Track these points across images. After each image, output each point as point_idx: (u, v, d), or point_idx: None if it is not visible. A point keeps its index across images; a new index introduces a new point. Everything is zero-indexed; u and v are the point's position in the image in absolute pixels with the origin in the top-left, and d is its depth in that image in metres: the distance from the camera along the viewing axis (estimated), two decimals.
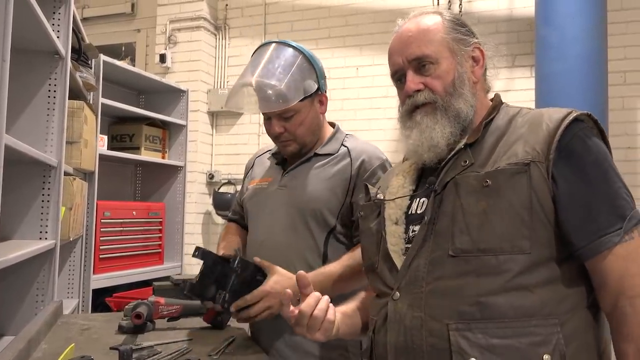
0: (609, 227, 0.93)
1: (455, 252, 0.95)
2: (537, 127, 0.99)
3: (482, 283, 0.93)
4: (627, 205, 0.94)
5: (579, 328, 0.94)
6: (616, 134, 3.24)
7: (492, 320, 0.91)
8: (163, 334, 1.47)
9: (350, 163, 1.49)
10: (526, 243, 0.93)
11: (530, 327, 0.91)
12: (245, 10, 4.33)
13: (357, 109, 3.88)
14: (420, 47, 1.07)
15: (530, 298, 0.92)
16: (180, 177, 3.78)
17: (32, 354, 1.23)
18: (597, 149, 0.97)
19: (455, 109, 1.06)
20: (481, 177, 0.97)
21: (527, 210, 0.93)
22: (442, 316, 0.94)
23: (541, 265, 0.93)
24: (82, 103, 2.40)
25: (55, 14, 2.00)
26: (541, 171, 0.94)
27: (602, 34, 2.80)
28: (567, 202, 0.94)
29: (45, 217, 1.91)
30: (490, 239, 0.94)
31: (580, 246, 0.93)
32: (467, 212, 0.96)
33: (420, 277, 0.98)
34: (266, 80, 1.44)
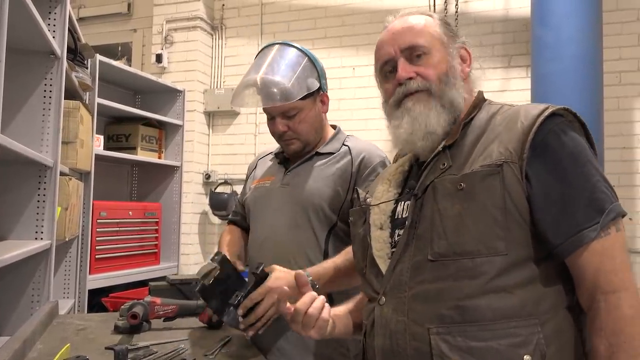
0: (585, 222, 0.92)
1: (434, 257, 0.96)
2: (513, 126, 0.98)
3: (460, 287, 0.93)
4: (605, 198, 0.93)
5: (560, 328, 0.94)
6: (612, 134, 3.26)
7: (471, 323, 0.92)
8: (159, 334, 1.47)
9: (351, 161, 1.52)
10: (501, 244, 0.93)
11: (510, 328, 0.91)
12: (242, 10, 4.33)
13: (354, 109, 3.89)
14: (415, 37, 1.08)
15: (509, 299, 0.92)
16: (177, 177, 3.77)
17: (27, 354, 1.23)
18: (574, 143, 0.96)
19: (449, 97, 1.05)
20: (456, 180, 0.97)
21: (501, 211, 0.93)
22: (424, 320, 0.95)
23: (519, 265, 0.93)
24: (78, 103, 2.39)
25: (51, 13, 1.99)
26: (514, 171, 0.94)
27: (597, 34, 2.81)
28: (541, 200, 0.94)
29: (41, 217, 1.91)
30: (466, 242, 0.94)
31: (557, 243, 0.93)
32: (443, 216, 0.97)
33: (404, 281, 0.99)
34: (270, 77, 1.48)
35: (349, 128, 1.76)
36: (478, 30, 3.64)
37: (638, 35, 3.39)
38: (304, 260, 1.45)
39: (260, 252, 1.54)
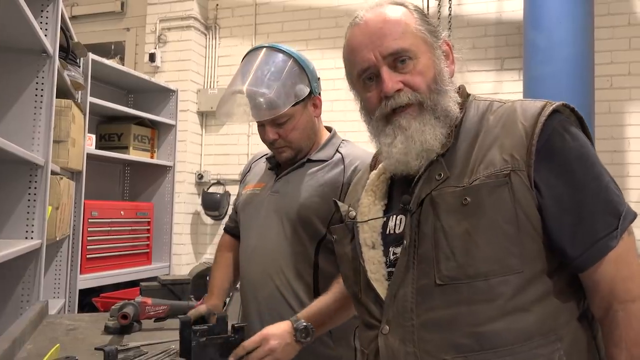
0: (604, 230, 0.85)
1: (443, 280, 0.87)
2: (512, 127, 0.90)
3: (476, 311, 0.85)
4: (619, 200, 0.87)
5: (576, 339, 0.89)
6: (603, 138, 3.28)
7: (491, 349, 0.84)
8: (150, 334, 1.46)
9: (343, 170, 1.46)
10: (516, 261, 0.85)
11: (532, 349, 0.84)
12: (236, 11, 4.32)
13: (347, 110, 3.88)
14: (397, 40, 0.94)
15: (527, 318, 0.85)
16: (169, 177, 3.76)
17: (16, 354, 1.22)
18: (578, 142, 0.89)
19: (444, 107, 0.94)
20: (459, 193, 0.88)
21: (513, 225, 0.85)
22: (438, 351, 0.86)
23: (535, 281, 0.86)
24: (70, 102, 2.38)
25: (43, 12, 1.98)
26: (523, 180, 0.86)
27: (589, 38, 2.83)
28: (554, 208, 0.86)
29: (32, 217, 1.90)
30: (478, 263, 0.85)
31: (576, 255, 0.86)
32: (449, 234, 0.87)
33: (409, 308, 0.90)
34: (255, 89, 1.41)
35: (342, 129, 1.73)
36: (471, 33, 3.65)
37: (629, 39, 3.41)
38: (292, 271, 1.41)
39: (250, 262, 1.50)
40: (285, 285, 1.42)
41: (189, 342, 1.11)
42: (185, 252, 4.10)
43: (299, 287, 1.41)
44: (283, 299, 1.41)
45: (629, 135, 3.39)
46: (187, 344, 1.12)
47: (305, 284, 1.41)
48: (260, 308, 1.44)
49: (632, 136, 3.38)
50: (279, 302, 1.41)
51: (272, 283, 1.43)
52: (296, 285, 1.41)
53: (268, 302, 1.43)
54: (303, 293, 1.41)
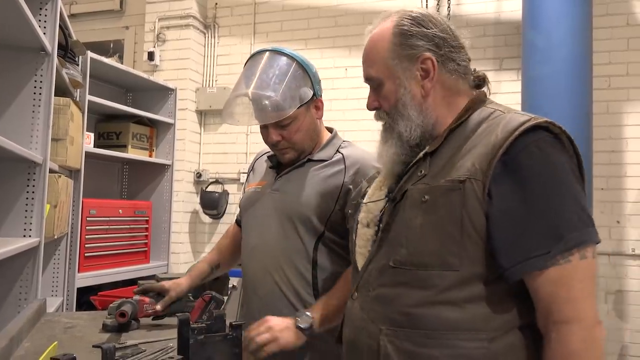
0: (536, 250, 0.89)
1: (395, 263, 0.99)
2: (489, 137, 0.96)
3: (413, 295, 0.96)
4: (569, 225, 0.89)
5: (513, 347, 0.93)
6: (600, 138, 3.29)
7: (417, 329, 0.95)
8: (148, 332, 1.46)
9: (344, 170, 1.48)
10: (455, 260, 0.93)
11: (454, 339, 0.92)
12: (235, 10, 4.32)
13: (346, 109, 3.89)
14: (368, 67, 1.11)
15: (457, 312, 0.93)
16: (168, 175, 3.76)
17: (14, 352, 1.22)
18: (548, 162, 0.92)
19: (398, 131, 1.07)
20: (422, 191, 0.98)
21: (458, 227, 0.93)
22: (378, 321, 0.99)
23: (471, 282, 0.93)
24: (69, 100, 2.38)
25: (42, 9, 1.98)
26: (475, 188, 0.92)
27: (587, 38, 2.83)
28: (499, 219, 0.92)
29: (30, 215, 1.90)
30: (422, 254, 0.96)
31: (506, 267, 0.91)
32: (407, 225, 0.99)
33: (370, 281, 1.04)
34: (261, 92, 1.43)
35: (341, 128, 1.74)
36: (470, 32, 3.64)
37: (627, 40, 3.42)
38: (292, 269, 1.44)
39: (250, 259, 1.54)
40: (285, 281, 1.44)
41: (186, 339, 1.12)
42: (183, 251, 4.10)
43: (298, 283, 1.43)
44: (283, 295, 1.44)
45: (627, 136, 3.40)
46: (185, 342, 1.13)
47: (305, 281, 1.43)
48: (261, 304, 1.47)
49: (630, 136, 3.39)
50: (279, 299, 1.44)
51: (271, 280, 1.45)
52: (295, 281, 1.43)
53: (268, 298, 1.46)
54: (302, 289, 1.43)
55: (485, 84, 1.13)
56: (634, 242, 3.33)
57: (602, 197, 3.32)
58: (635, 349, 3.28)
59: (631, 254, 3.32)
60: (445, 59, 1.07)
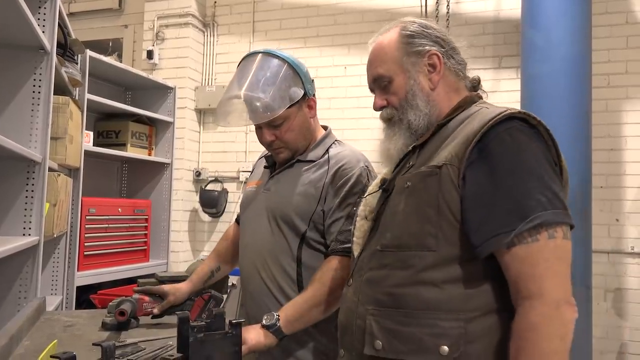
0: (502, 228, 0.94)
1: (382, 247, 1.07)
2: (467, 128, 1.03)
3: (394, 275, 1.03)
4: (534, 205, 0.94)
5: (490, 329, 0.97)
6: (600, 136, 3.29)
7: (398, 309, 1.01)
8: (147, 331, 1.46)
9: (327, 171, 1.52)
10: (432, 241, 0.99)
11: (433, 319, 0.97)
12: (234, 8, 4.32)
13: (345, 107, 3.89)
14: (376, 68, 1.18)
15: (435, 292, 0.98)
16: (167, 174, 3.76)
17: (14, 351, 1.22)
18: (519, 148, 0.97)
19: (407, 120, 1.14)
20: (406, 178, 1.07)
21: (434, 210, 0.99)
22: (367, 302, 1.06)
23: (448, 262, 0.99)
24: (68, 99, 2.38)
25: (41, 8, 1.98)
26: (450, 173, 0.99)
27: (586, 37, 2.83)
28: (471, 202, 0.98)
29: (29, 213, 1.90)
30: (402, 236, 1.03)
31: (475, 245, 0.97)
32: (393, 211, 1.07)
33: (362, 267, 1.12)
34: (251, 93, 1.48)
35: (340, 127, 1.76)
36: (469, 31, 3.65)
37: (627, 38, 3.42)
38: (277, 267, 1.49)
39: (244, 257, 1.60)
40: (271, 279, 1.50)
41: (186, 338, 1.12)
42: (182, 250, 4.10)
43: (284, 281, 1.48)
44: (269, 291, 1.49)
45: (626, 134, 3.40)
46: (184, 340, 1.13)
47: (290, 278, 1.49)
48: (251, 300, 1.54)
49: (629, 134, 3.39)
50: (266, 295, 1.50)
51: (259, 277, 1.51)
52: (280, 279, 1.49)
53: (256, 294, 1.52)
54: (287, 286, 1.48)
55: (479, 86, 1.22)
56: (633, 240, 3.33)
57: (601, 195, 3.32)
58: (634, 346, 3.28)
59: (630, 252, 3.33)
60: (448, 57, 1.17)
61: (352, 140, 3.54)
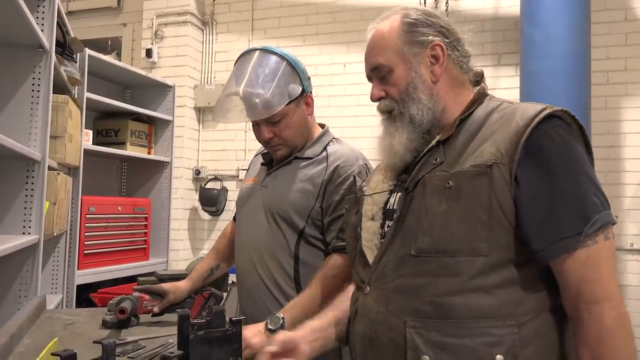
0: (568, 231, 0.91)
1: (417, 252, 0.97)
2: (508, 125, 0.97)
3: (440, 283, 0.94)
4: (594, 207, 0.92)
5: (540, 330, 0.94)
6: (599, 133, 3.29)
7: (446, 319, 0.93)
8: (148, 329, 1.47)
9: (325, 168, 1.51)
10: (484, 246, 0.93)
11: (485, 327, 0.92)
12: (233, 6, 4.31)
13: (344, 105, 3.89)
14: (376, 56, 1.11)
15: (487, 299, 0.93)
16: (167, 172, 3.76)
17: (14, 349, 1.22)
18: (568, 147, 0.95)
19: (409, 114, 1.07)
20: (445, 177, 0.98)
21: (486, 212, 0.93)
22: (402, 313, 0.97)
23: (500, 267, 0.93)
24: (67, 97, 2.38)
25: (40, 6, 1.97)
26: (503, 173, 0.94)
27: (585, 33, 2.83)
28: (528, 203, 0.93)
29: (29, 212, 1.90)
30: (449, 241, 0.95)
31: (539, 249, 0.92)
32: (430, 212, 0.97)
33: (387, 273, 1.01)
34: (251, 90, 1.47)
35: (340, 124, 1.75)
36: (468, 28, 3.65)
37: (626, 34, 3.42)
38: (275, 264, 1.48)
39: (240, 253, 1.59)
40: (268, 275, 1.49)
41: (187, 335, 1.12)
42: (182, 248, 4.10)
43: (281, 277, 1.48)
44: (266, 288, 1.49)
45: (625, 131, 3.40)
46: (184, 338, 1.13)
47: (287, 275, 1.48)
48: (248, 297, 1.54)
49: (629, 131, 3.39)
50: (263, 291, 1.49)
51: (256, 273, 1.51)
52: (278, 276, 1.48)
53: (253, 291, 1.51)
54: (285, 283, 1.48)
55: (483, 80, 1.16)
56: (632, 236, 3.34)
57: None
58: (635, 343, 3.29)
59: (630, 248, 3.33)
60: (452, 48, 1.10)
61: (352, 138, 3.55)
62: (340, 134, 1.73)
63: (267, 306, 1.46)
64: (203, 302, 1.58)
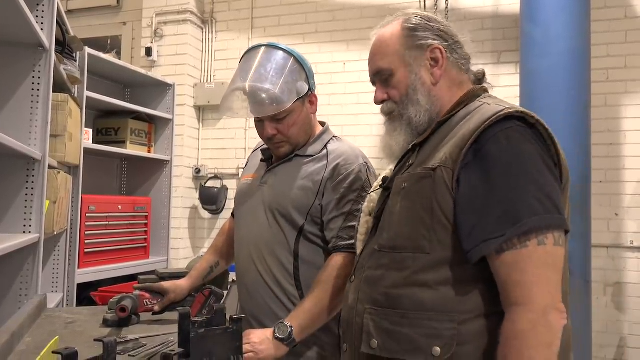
0: (492, 233, 0.93)
1: (379, 247, 1.07)
2: (464, 128, 1.02)
3: (391, 276, 1.03)
4: (526, 210, 0.92)
5: (485, 331, 0.96)
6: (599, 131, 3.29)
7: (394, 309, 1.01)
8: (148, 327, 1.47)
9: (325, 165, 1.51)
10: (425, 244, 0.99)
11: (426, 319, 0.97)
12: (232, 4, 4.31)
13: (344, 103, 3.89)
14: (378, 61, 1.16)
15: (429, 294, 0.98)
16: (167, 171, 3.76)
17: (15, 348, 1.23)
18: (514, 151, 0.95)
19: (408, 116, 1.12)
20: (403, 179, 1.06)
21: (428, 212, 0.99)
22: (365, 301, 1.07)
23: (441, 265, 0.98)
24: (67, 96, 2.38)
25: (39, 5, 1.97)
26: (444, 176, 0.99)
27: (585, 31, 2.83)
28: (464, 205, 0.97)
29: (29, 211, 1.90)
30: (398, 238, 1.03)
31: (467, 249, 0.96)
32: (390, 211, 1.07)
33: (363, 264, 1.11)
34: (259, 85, 1.45)
35: (340, 123, 1.75)
36: (468, 26, 3.65)
37: (626, 32, 3.42)
38: (275, 260, 1.48)
39: (239, 249, 1.59)
40: (268, 272, 1.49)
41: (187, 333, 1.12)
42: (182, 247, 4.11)
43: (280, 274, 1.48)
44: (266, 285, 1.49)
45: (625, 128, 3.40)
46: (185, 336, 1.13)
47: (286, 272, 1.48)
48: (247, 294, 1.54)
49: (629, 129, 3.39)
50: (262, 288, 1.49)
51: (255, 270, 1.51)
52: (277, 272, 1.48)
53: (252, 287, 1.51)
54: (284, 280, 1.48)
55: (484, 80, 1.19)
56: (632, 234, 3.34)
57: (600, 190, 3.33)
58: (634, 340, 3.29)
59: (630, 246, 3.33)
60: (451, 51, 1.14)
61: (352, 136, 3.55)
62: (340, 132, 1.73)
63: (267, 302, 1.46)
64: (203, 300, 1.58)
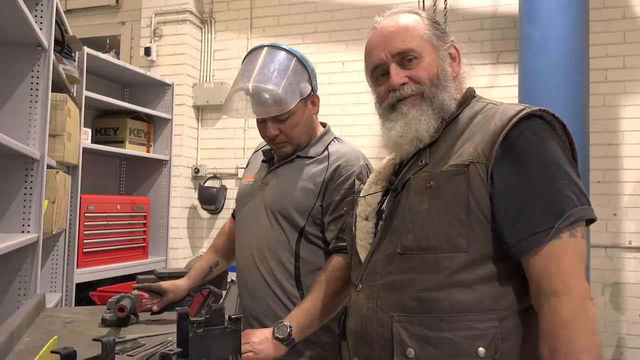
0: (540, 226, 0.93)
1: (402, 250, 1.02)
2: (488, 126, 1.01)
3: (423, 279, 0.98)
4: (568, 202, 0.94)
5: (521, 325, 0.96)
6: (597, 131, 3.30)
7: (430, 314, 0.97)
8: (147, 326, 1.47)
9: (326, 167, 1.51)
10: (463, 242, 0.97)
11: (467, 321, 0.95)
12: (232, 4, 4.31)
13: (343, 104, 3.90)
14: (405, 41, 1.09)
15: (468, 294, 0.96)
16: (166, 171, 3.75)
17: (14, 347, 1.23)
18: (544, 145, 0.97)
19: (440, 100, 1.08)
20: (427, 177, 1.02)
21: (464, 209, 0.97)
22: (389, 308, 1.01)
23: (480, 262, 0.97)
24: (66, 96, 2.38)
25: (38, 5, 1.97)
26: (479, 172, 0.97)
27: (584, 31, 2.84)
28: (503, 200, 0.96)
29: (28, 210, 1.90)
30: (430, 238, 0.99)
31: (512, 245, 0.95)
32: (413, 211, 1.02)
33: (377, 271, 1.05)
34: (263, 85, 1.45)
35: (339, 123, 1.75)
36: (467, 26, 3.65)
37: (624, 32, 3.43)
38: (276, 261, 1.48)
39: (241, 250, 1.59)
40: (269, 272, 1.49)
41: (186, 333, 1.12)
42: (181, 246, 4.11)
43: (282, 275, 1.48)
44: (267, 285, 1.49)
45: (624, 129, 3.41)
46: (184, 336, 1.13)
47: (287, 272, 1.48)
48: (248, 294, 1.53)
49: (627, 129, 3.40)
50: (263, 288, 1.49)
51: (257, 270, 1.51)
52: (279, 273, 1.48)
53: (253, 288, 1.51)
54: (285, 281, 1.48)
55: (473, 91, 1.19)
56: (630, 234, 3.34)
57: (598, 190, 3.33)
58: (632, 340, 3.30)
59: (628, 246, 3.34)
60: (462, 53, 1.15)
61: (351, 136, 3.55)
62: (339, 132, 1.73)
63: (268, 303, 1.47)
64: (202, 300, 1.58)
